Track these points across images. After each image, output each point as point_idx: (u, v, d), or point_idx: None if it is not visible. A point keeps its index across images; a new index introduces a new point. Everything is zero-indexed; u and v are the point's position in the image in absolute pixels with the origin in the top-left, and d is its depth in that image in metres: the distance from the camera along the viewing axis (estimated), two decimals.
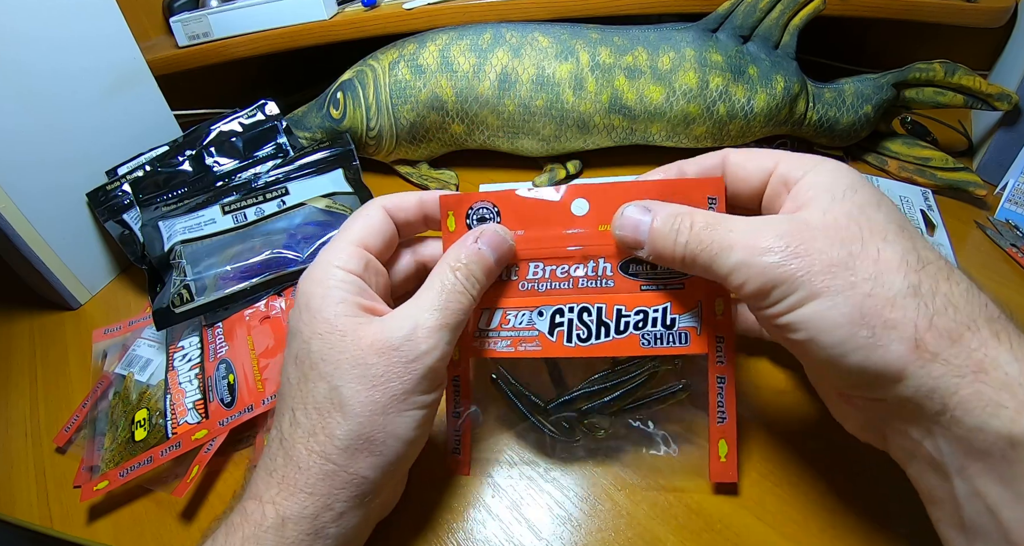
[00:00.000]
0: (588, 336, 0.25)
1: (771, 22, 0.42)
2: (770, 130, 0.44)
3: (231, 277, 0.38)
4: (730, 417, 0.25)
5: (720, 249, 0.21)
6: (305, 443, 0.22)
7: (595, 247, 0.25)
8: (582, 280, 0.26)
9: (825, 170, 0.22)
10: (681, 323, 0.25)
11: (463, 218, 0.26)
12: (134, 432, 0.31)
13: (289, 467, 0.22)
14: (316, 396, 0.22)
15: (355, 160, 0.44)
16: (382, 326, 0.23)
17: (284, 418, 0.23)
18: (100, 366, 0.36)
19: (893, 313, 0.18)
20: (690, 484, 0.26)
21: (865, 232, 0.20)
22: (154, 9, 0.59)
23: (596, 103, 0.43)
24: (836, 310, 0.19)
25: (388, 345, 0.22)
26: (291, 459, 0.22)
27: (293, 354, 0.23)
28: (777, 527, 0.24)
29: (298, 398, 0.23)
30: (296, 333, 0.23)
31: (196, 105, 0.56)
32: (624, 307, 0.25)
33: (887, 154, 0.45)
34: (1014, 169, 0.41)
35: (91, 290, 0.44)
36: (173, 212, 0.39)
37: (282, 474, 0.22)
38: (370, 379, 0.22)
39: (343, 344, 0.22)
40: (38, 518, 0.30)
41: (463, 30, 0.45)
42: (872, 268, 0.19)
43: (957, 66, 0.41)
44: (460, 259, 0.24)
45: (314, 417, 0.22)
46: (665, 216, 0.23)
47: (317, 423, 0.22)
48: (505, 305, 0.26)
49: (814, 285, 0.19)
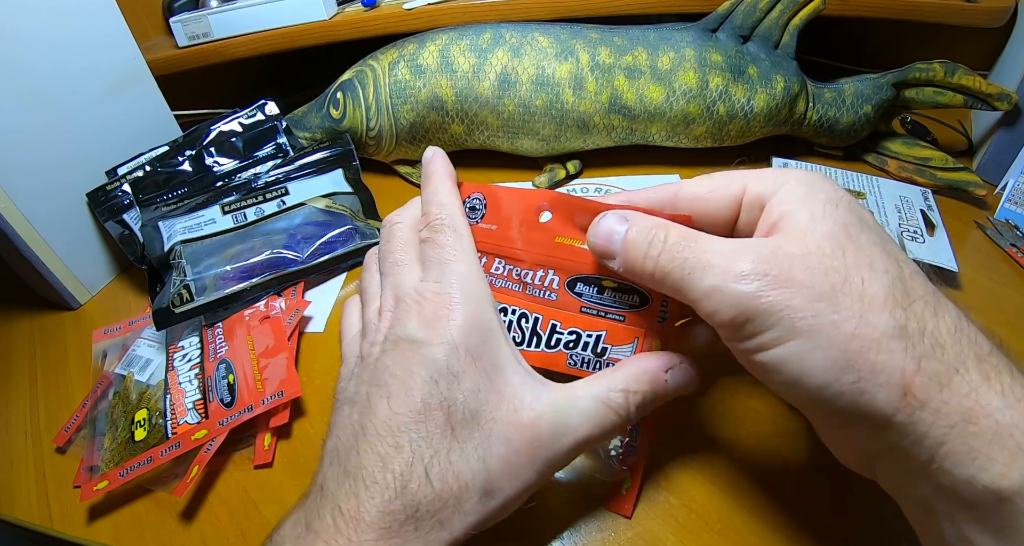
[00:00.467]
0: (521, 341, 0.25)
1: (771, 22, 0.42)
2: (770, 130, 0.44)
3: (231, 277, 0.38)
4: (641, 452, 0.26)
5: (693, 268, 0.20)
6: (429, 507, 0.20)
7: (547, 257, 0.25)
8: (529, 287, 0.25)
9: (800, 183, 0.20)
10: (612, 353, 0.25)
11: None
12: (134, 432, 0.31)
13: (399, 522, 0.19)
14: (460, 468, 0.20)
15: (355, 160, 0.44)
16: (535, 410, 0.21)
17: (406, 464, 0.20)
18: (100, 366, 0.36)
19: (879, 356, 0.17)
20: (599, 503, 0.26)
21: (849, 258, 0.18)
22: (154, 9, 0.59)
23: (596, 103, 0.43)
24: (819, 352, 0.17)
25: (541, 438, 0.21)
26: (413, 518, 0.20)
27: (441, 397, 0.21)
28: (777, 527, 0.24)
29: (436, 450, 0.20)
30: (453, 380, 0.21)
31: (196, 105, 0.56)
32: (559, 323, 0.25)
33: (887, 154, 0.45)
34: (1014, 169, 0.41)
35: (91, 290, 0.44)
36: (173, 212, 0.39)
37: (413, 526, 0.19)
38: (514, 466, 0.21)
39: (503, 417, 0.21)
40: (38, 518, 0.30)
41: (463, 30, 0.45)
42: (857, 305, 0.18)
43: (957, 66, 0.41)
44: (642, 385, 0.22)
45: (451, 484, 0.20)
46: (641, 227, 0.21)
47: (453, 490, 0.20)
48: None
49: (794, 323, 0.18)
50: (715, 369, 0.30)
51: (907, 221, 0.37)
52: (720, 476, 0.26)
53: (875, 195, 0.40)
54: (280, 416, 0.31)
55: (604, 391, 0.22)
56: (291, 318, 0.36)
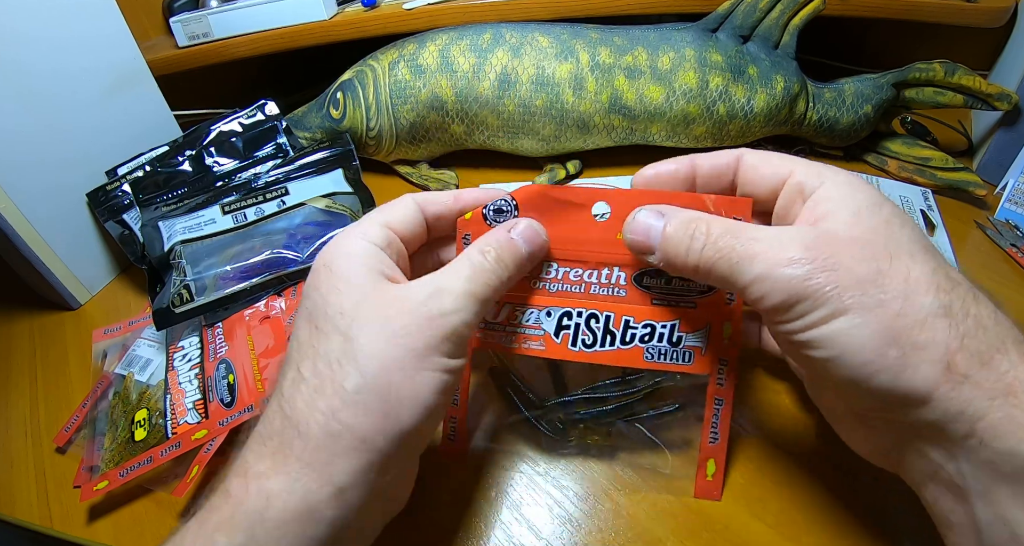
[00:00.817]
0: (593, 342, 0.25)
1: (771, 22, 0.42)
2: (770, 130, 0.44)
3: (231, 277, 0.38)
4: (722, 438, 0.26)
5: (740, 258, 0.20)
6: (308, 400, 0.20)
7: (611, 255, 0.25)
8: (594, 286, 0.25)
9: (844, 182, 0.21)
10: (687, 342, 0.25)
11: (480, 208, 0.26)
12: (134, 432, 0.31)
13: (286, 432, 0.20)
14: (328, 350, 0.20)
15: (355, 160, 0.44)
16: (406, 287, 0.22)
17: (287, 378, 0.21)
18: (100, 366, 0.36)
19: (923, 334, 0.18)
20: (679, 491, 0.26)
21: (892, 249, 0.19)
22: (154, 9, 0.59)
23: (596, 103, 0.43)
24: (865, 328, 0.18)
25: (411, 301, 0.21)
26: (289, 421, 0.20)
27: (306, 312, 0.22)
28: (777, 527, 0.24)
29: (307, 354, 0.21)
30: (312, 292, 0.22)
31: (196, 105, 0.56)
32: (632, 318, 0.25)
33: (887, 154, 0.45)
34: (1014, 169, 0.41)
35: (91, 290, 0.44)
36: (173, 212, 0.39)
37: (277, 441, 0.20)
38: (389, 332, 0.20)
39: (363, 298, 0.21)
40: (38, 518, 0.30)
41: (463, 30, 0.45)
42: (902, 286, 0.18)
43: (957, 66, 0.41)
44: (490, 244, 0.23)
45: (323, 371, 0.20)
46: (680, 221, 0.22)
47: (326, 377, 0.20)
48: (514, 300, 0.26)
49: (842, 302, 0.18)
50: None
51: None
52: None
53: None
54: None
55: (463, 259, 0.23)
56: (291, 318, 0.36)
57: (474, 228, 0.25)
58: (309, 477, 0.19)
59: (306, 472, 0.19)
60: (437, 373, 0.21)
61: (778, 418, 0.29)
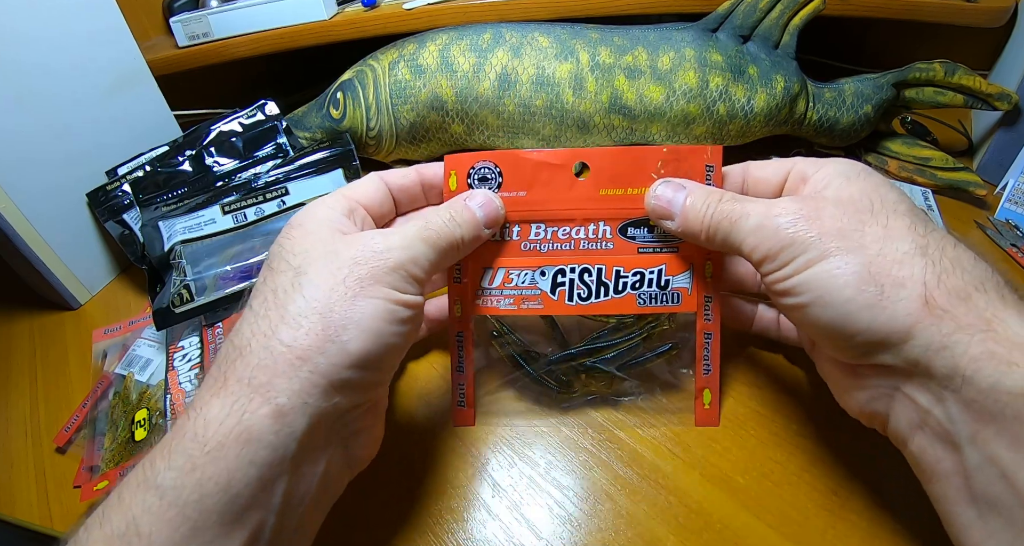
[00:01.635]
0: (588, 295, 0.27)
1: (771, 22, 0.42)
2: (770, 130, 0.44)
3: (231, 277, 0.38)
4: (714, 369, 0.28)
5: (739, 216, 0.22)
6: (252, 325, 0.20)
7: (596, 210, 0.27)
8: (583, 242, 0.27)
9: (840, 162, 0.24)
10: (674, 284, 0.27)
11: (465, 177, 0.27)
12: (134, 432, 0.31)
13: (230, 357, 0.20)
14: (278, 284, 0.21)
15: (355, 160, 0.44)
16: (360, 234, 0.23)
17: (242, 316, 0.22)
18: (100, 366, 0.36)
19: (901, 271, 0.19)
20: (681, 423, 0.29)
21: (876, 205, 0.21)
22: (154, 9, 0.59)
23: (596, 103, 0.43)
24: (844, 269, 0.19)
25: (361, 240, 0.22)
26: (233, 347, 0.20)
27: (267, 261, 0.23)
28: (777, 527, 0.24)
29: (259, 291, 0.22)
30: (274, 246, 0.24)
31: (196, 105, 0.56)
32: (622, 268, 0.27)
33: (887, 154, 0.45)
34: (1014, 169, 0.41)
35: (91, 290, 0.44)
36: (173, 212, 0.39)
37: (223, 370, 0.20)
38: (335, 265, 0.21)
39: (318, 241, 0.22)
40: (38, 518, 0.30)
41: (463, 30, 0.45)
42: (881, 232, 0.20)
43: (957, 66, 0.41)
44: (446, 206, 0.25)
45: (270, 301, 0.21)
46: (699, 194, 0.24)
47: (272, 304, 0.21)
48: (508, 265, 0.28)
49: (823, 246, 0.20)
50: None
51: None
52: (721, 476, 0.26)
53: None
54: None
55: (418, 215, 0.26)
56: None
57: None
58: (247, 397, 0.19)
59: (245, 393, 0.19)
60: (382, 301, 0.21)
61: (779, 418, 0.29)
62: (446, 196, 0.27)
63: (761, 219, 0.22)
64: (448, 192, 0.27)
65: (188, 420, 0.19)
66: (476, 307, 0.28)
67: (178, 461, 0.18)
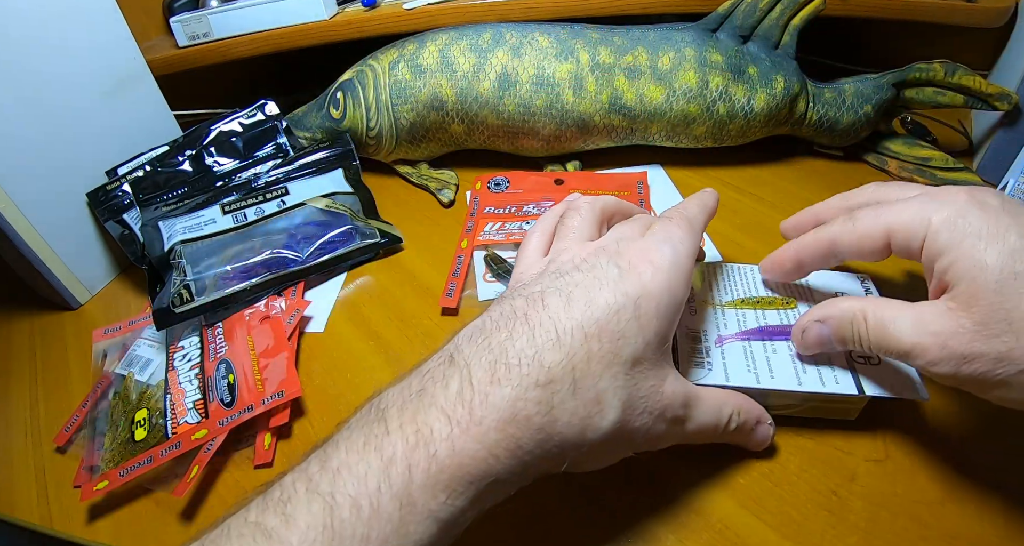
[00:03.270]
0: None
1: (771, 22, 0.42)
2: (770, 130, 0.44)
3: (231, 277, 0.38)
4: None
5: (899, 355, 0.22)
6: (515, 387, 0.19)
7: (549, 196, 0.43)
8: (526, 206, 0.42)
9: (955, 232, 0.21)
10: None
11: (485, 183, 0.45)
12: (134, 432, 0.31)
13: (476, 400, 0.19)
14: (606, 390, 0.20)
15: (355, 160, 0.44)
16: (674, 389, 0.23)
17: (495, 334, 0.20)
18: (100, 366, 0.36)
19: None
20: None
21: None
22: (154, 9, 0.59)
23: (596, 103, 0.43)
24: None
25: (667, 413, 0.22)
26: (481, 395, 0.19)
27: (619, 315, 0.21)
28: (777, 527, 0.24)
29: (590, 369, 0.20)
30: (632, 303, 0.21)
31: (196, 105, 0.56)
32: None
33: (887, 154, 0.45)
34: (1014, 169, 0.41)
35: (91, 290, 0.44)
36: (173, 212, 0.39)
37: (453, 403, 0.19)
38: (638, 421, 0.21)
39: (651, 378, 0.22)
40: (38, 518, 0.30)
41: (463, 30, 0.45)
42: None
43: (957, 66, 0.41)
44: (742, 416, 0.25)
45: (590, 403, 0.20)
46: (836, 325, 0.24)
47: (591, 410, 0.20)
48: (503, 219, 0.41)
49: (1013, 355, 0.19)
50: None
51: None
52: (721, 476, 0.26)
53: (806, 296, 0.31)
54: (280, 416, 0.31)
55: (717, 407, 0.24)
56: (291, 318, 0.36)
57: (482, 194, 0.44)
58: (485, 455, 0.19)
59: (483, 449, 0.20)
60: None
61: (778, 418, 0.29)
62: (473, 193, 0.44)
63: (923, 364, 0.21)
64: (473, 190, 0.44)
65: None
66: (478, 242, 0.39)
67: None
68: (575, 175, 0.45)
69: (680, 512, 0.25)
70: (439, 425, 0.18)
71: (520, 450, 0.19)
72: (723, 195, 0.43)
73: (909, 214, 0.23)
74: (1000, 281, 0.20)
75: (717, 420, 0.24)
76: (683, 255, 0.24)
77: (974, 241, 0.21)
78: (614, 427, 0.20)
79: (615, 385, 0.20)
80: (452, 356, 0.21)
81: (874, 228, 0.24)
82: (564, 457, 0.20)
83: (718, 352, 0.27)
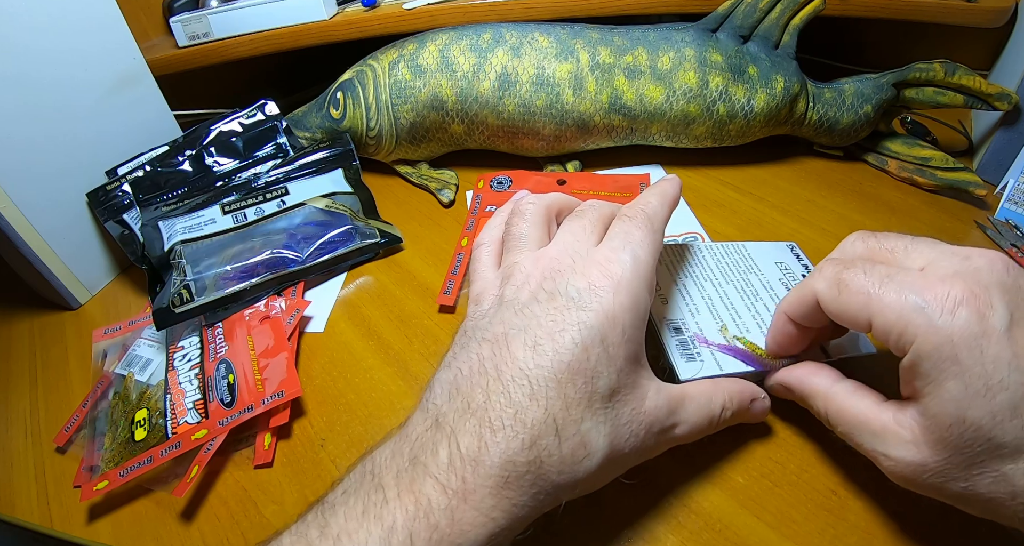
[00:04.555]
0: None
1: (771, 22, 0.42)
2: (770, 130, 0.44)
3: (231, 277, 0.38)
4: None
5: (873, 455, 0.22)
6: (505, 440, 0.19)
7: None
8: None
9: (940, 357, 0.19)
10: None
11: (488, 182, 0.45)
12: (134, 432, 0.31)
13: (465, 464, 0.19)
14: (589, 432, 0.20)
15: (355, 160, 0.44)
16: (656, 402, 0.22)
17: (498, 397, 0.20)
18: (100, 366, 0.36)
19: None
20: None
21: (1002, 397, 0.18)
22: (154, 9, 0.59)
23: (596, 103, 0.43)
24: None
25: (653, 427, 0.22)
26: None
27: (587, 352, 0.20)
28: (777, 527, 0.24)
29: (570, 415, 0.20)
30: (597, 337, 0.21)
31: (196, 105, 0.56)
32: None
33: (887, 154, 0.45)
34: (1014, 169, 0.41)
35: (91, 290, 0.44)
36: (173, 212, 0.39)
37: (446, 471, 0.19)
38: (628, 447, 0.21)
39: (631, 401, 0.22)
40: (38, 518, 0.30)
41: (463, 30, 0.45)
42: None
43: (957, 66, 0.41)
44: (735, 403, 0.25)
45: (577, 448, 0.20)
46: (801, 399, 0.26)
47: (579, 454, 0.20)
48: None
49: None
50: None
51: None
52: (720, 476, 0.26)
53: (754, 271, 0.32)
54: (280, 416, 0.31)
55: (707, 402, 0.24)
56: (291, 318, 0.36)
57: (484, 192, 0.44)
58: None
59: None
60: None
61: (779, 418, 0.29)
62: (475, 191, 0.44)
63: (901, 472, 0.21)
64: (476, 189, 0.44)
65: None
66: (470, 235, 0.41)
67: None
68: (578, 175, 0.44)
69: (680, 512, 0.25)
70: (435, 495, 0.18)
71: (516, 507, 0.19)
72: (723, 195, 0.44)
73: (894, 316, 0.20)
74: (972, 438, 0.19)
75: (709, 415, 0.24)
76: (644, 260, 0.23)
77: (959, 392, 0.19)
78: (603, 461, 0.21)
79: (597, 422, 0.20)
80: (437, 420, 0.20)
81: (858, 311, 0.21)
82: (559, 499, 0.21)
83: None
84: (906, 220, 0.40)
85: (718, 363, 0.27)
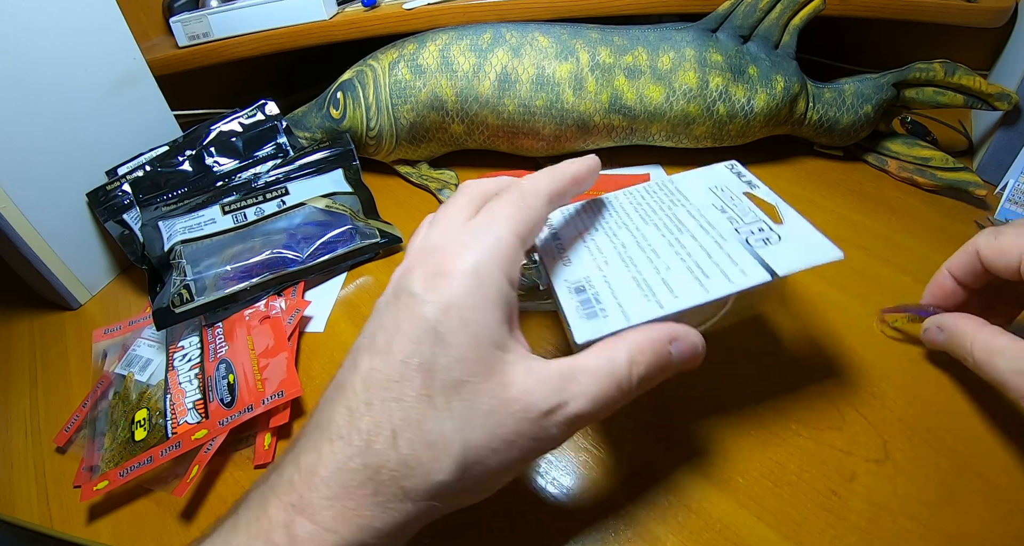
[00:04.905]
0: None
1: (771, 22, 0.42)
2: (770, 130, 0.44)
3: (231, 277, 0.38)
4: None
5: (996, 384, 0.24)
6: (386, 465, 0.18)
7: None
8: None
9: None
10: None
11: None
12: (134, 432, 0.31)
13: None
14: (434, 430, 0.19)
15: (355, 160, 0.44)
16: (526, 385, 0.20)
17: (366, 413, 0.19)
18: (100, 366, 0.36)
19: None
20: None
21: None
22: (154, 9, 0.59)
23: (596, 103, 0.43)
24: None
25: (530, 412, 0.20)
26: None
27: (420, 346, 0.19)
28: (777, 527, 0.24)
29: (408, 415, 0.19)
30: (431, 329, 0.19)
31: (196, 105, 0.56)
32: None
33: (887, 154, 0.45)
34: (1014, 169, 0.41)
35: (91, 290, 0.44)
36: (173, 212, 0.39)
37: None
38: (496, 440, 0.19)
39: (488, 390, 0.19)
40: (38, 518, 0.30)
41: (463, 30, 0.45)
42: None
43: (957, 66, 0.41)
44: (647, 353, 0.21)
45: (420, 450, 0.19)
46: (952, 337, 0.27)
47: (424, 456, 0.19)
48: None
49: None
50: (715, 371, 0.30)
51: (739, 219, 0.26)
52: (720, 476, 0.26)
53: (681, 203, 0.29)
54: (280, 416, 0.31)
55: (606, 363, 0.21)
56: (291, 318, 0.36)
57: None
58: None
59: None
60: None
61: (779, 418, 0.29)
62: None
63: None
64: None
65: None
66: None
67: None
68: None
69: (680, 512, 0.25)
70: (277, 513, 0.18)
71: (361, 519, 0.18)
72: None
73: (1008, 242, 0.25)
74: None
75: (614, 379, 0.21)
76: (505, 239, 0.21)
77: None
78: (464, 461, 0.19)
79: (442, 420, 0.19)
80: (295, 441, 0.20)
81: (1011, 246, 0.25)
82: (430, 507, 0.19)
83: (607, 291, 0.24)
84: (906, 220, 0.40)
85: (624, 313, 0.22)
